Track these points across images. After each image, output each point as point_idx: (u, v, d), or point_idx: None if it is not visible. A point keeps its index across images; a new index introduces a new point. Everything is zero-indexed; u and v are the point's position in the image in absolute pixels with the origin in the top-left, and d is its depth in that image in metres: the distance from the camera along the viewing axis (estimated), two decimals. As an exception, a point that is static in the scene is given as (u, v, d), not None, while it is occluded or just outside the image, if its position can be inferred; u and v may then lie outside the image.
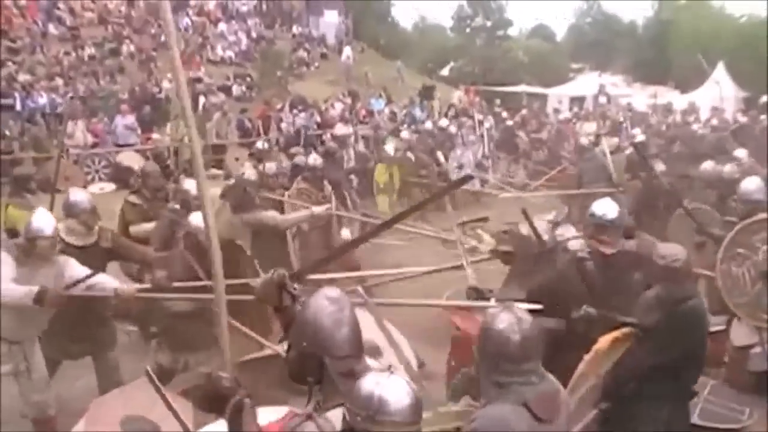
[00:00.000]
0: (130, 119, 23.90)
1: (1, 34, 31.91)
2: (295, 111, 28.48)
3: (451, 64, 56.58)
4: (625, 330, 5.21)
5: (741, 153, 12.42)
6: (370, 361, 3.55)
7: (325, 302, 3.45)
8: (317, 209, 9.82)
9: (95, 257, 7.36)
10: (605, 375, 5.23)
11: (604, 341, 5.10)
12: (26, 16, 34.42)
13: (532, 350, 3.56)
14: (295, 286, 4.00)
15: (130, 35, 35.80)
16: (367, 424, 2.97)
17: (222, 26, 39.53)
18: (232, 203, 9.73)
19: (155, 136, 21.88)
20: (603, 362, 5.12)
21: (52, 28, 34.39)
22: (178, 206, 9.08)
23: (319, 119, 28.44)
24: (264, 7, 43.95)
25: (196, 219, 7.29)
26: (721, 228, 8.07)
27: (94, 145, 22.81)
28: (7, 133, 22.54)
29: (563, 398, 3.75)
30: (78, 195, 7.80)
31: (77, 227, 7.47)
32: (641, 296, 5.55)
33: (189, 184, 9.16)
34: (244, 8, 42.95)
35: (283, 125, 26.85)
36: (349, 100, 32.39)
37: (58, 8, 36.03)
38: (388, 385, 3.01)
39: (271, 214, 9.70)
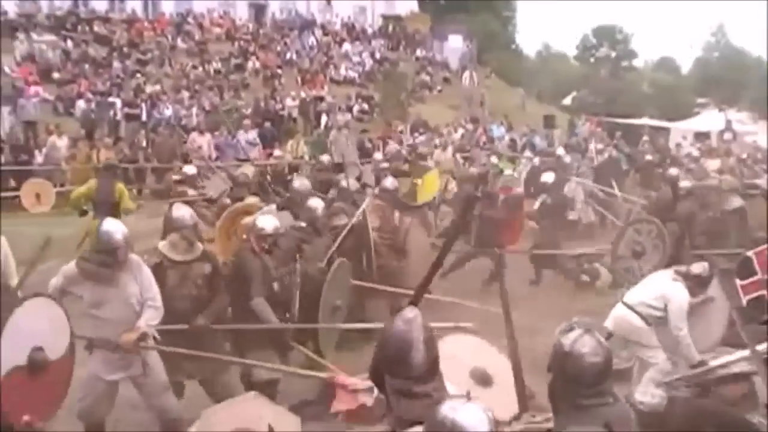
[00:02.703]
0: (253, 134, 23.93)
1: (133, 46, 32.63)
2: (416, 134, 28.13)
3: (574, 93, 55.51)
4: None
5: None
6: (450, 386, 3.53)
7: (398, 322, 3.47)
8: None
9: (193, 274, 7.49)
10: None
11: None
12: (156, 30, 35.11)
13: (609, 371, 3.71)
14: None
15: (255, 51, 36.17)
16: None
17: (347, 46, 39.65)
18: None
19: (277, 152, 21.65)
20: None
21: (180, 42, 34.99)
22: (304, 224, 9.19)
23: (438, 142, 27.99)
24: (390, 29, 43.84)
25: None
26: None
27: (216, 159, 22.81)
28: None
29: (634, 421, 3.87)
30: (180, 211, 7.93)
31: (179, 242, 7.55)
32: None
33: (315, 202, 9.39)
34: (370, 30, 42.98)
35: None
36: (470, 126, 31.86)
37: (188, 23, 36.73)
38: (462, 411, 2.97)
39: None
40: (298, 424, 5.10)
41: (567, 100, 53.67)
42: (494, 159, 20.68)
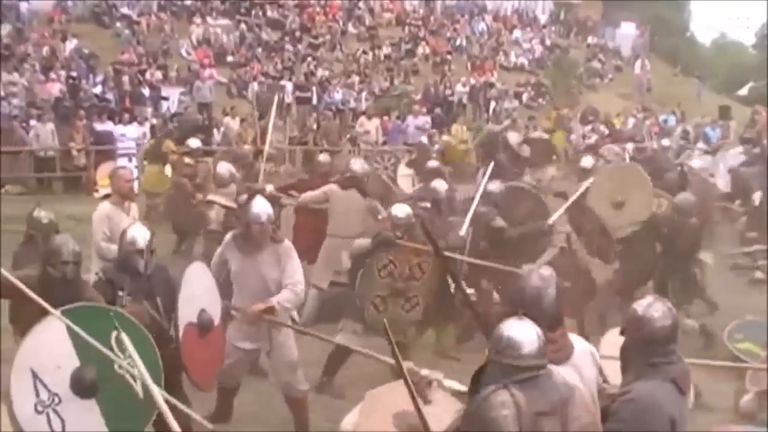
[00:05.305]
0: (422, 120, 23.83)
1: (304, 31, 33.03)
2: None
3: (751, 83, 53.02)
4: None
5: None
6: (575, 338, 4.41)
7: (534, 277, 4.20)
8: None
9: None
10: None
11: None
12: (328, 15, 35.42)
13: (676, 334, 4.12)
14: None
15: (426, 37, 36.05)
16: (497, 357, 3.66)
17: (517, 33, 39.04)
18: None
19: (445, 138, 21.46)
20: None
21: (351, 27, 35.25)
22: (428, 205, 9.85)
23: (606, 131, 27.20)
24: (561, 15, 42.95)
25: None
26: None
27: (384, 143, 22.86)
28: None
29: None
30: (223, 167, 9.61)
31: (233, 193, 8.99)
32: None
33: (438, 184, 10.52)
34: (542, 16, 42.22)
35: (573, 136, 25.80)
36: (642, 116, 30.84)
37: (359, 8, 36.91)
38: (516, 327, 3.69)
39: None
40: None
41: (743, 91, 51.31)
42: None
